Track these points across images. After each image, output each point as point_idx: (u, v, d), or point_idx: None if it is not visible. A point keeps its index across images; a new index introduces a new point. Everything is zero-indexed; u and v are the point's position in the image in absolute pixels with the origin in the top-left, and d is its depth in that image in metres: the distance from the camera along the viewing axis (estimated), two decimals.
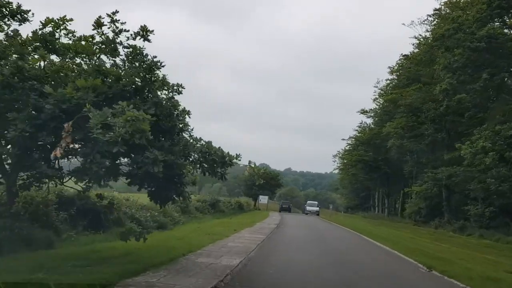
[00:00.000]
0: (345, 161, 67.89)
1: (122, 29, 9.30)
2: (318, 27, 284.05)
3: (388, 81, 55.03)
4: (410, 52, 47.08)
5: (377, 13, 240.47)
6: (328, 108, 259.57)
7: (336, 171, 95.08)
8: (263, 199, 58.33)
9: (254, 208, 57.39)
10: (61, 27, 9.34)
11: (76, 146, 8.39)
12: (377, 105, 58.15)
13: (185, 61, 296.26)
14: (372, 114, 59.24)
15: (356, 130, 59.88)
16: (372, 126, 59.40)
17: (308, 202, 63.69)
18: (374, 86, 57.73)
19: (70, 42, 9.50)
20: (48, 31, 9.24)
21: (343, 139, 67.03)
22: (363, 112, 58.79)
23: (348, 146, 70.68)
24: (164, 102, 9.34)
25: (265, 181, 59.88)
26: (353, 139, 62.48)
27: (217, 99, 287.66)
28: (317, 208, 56.78)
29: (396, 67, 51.14)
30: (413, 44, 47.52)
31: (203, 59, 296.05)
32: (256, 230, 24.16)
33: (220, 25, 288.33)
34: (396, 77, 52.60)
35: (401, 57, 49.10)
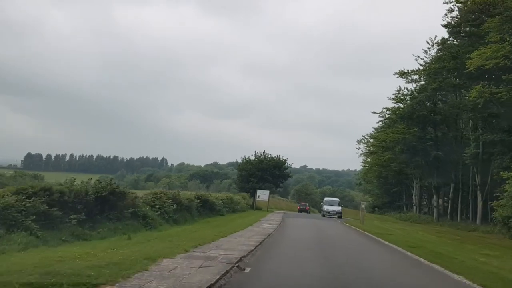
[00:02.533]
0: (375, 144, 49.61)
1: None
2: (333, 20, 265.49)
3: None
4: None
5: (392, 3, 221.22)
6: (346, 105, 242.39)
7: (360, 162, 77.10)
8: (263, 195, 40.88)
9: (250, 207, 40.25)
10: None
11: None
12: (425, 60, 39.85)
13: (196, 56, 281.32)
14: (416, 77, 40.86)
15: (393, 99, 41.76)
16: (417, 93, 41.03)
17: (326, 199, 44.10)
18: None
19: None
20: None
21: (374, 112, 48.55)
22: (402, 74, 40.56)
23: (380, 123, 52.65)
24: None
25: (267, 168, 42.47)
26: (389, 112, 44.14)
27: (230, 96, 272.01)
28: (339, 208, 38.97)
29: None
30: None
31: (215, 55, 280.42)
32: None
33: (230, 19, 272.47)
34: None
35: None
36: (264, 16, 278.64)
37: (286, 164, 44.88)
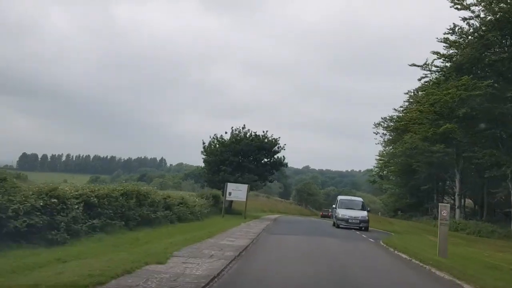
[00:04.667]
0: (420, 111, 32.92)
1: None
2: (337, 17, 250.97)
3: None
4: None
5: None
6: (349, 104, 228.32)
7: (375, 156, 60.59)
8: (237, 192, 24.20)
9: (226, 211, 24.18)
10: None
11: None
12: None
13: (198, 55, 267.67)
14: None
15: (446, 42, 25.40)
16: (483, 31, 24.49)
17: (342, 199, 25.64)
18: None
19: None
20: None
21: (414, 65, 32.01)
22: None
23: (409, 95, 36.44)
24: None
25: (247, 151, 26.39)
26: (441, 60, 27.51)
27: (231, 95, 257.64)
28: (364, 214, 22.67)
29: None
30: None
31: (216, 53, 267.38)
32: None
33: (233, 17, 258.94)
34: None
35: None
36: (266, 14, 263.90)
37: (278, 146, 28.68)
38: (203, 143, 27.70)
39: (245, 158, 27.45)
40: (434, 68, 29.74)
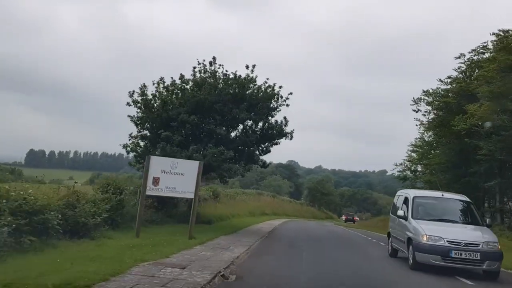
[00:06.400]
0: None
1: None
2: (349, 15, 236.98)
3: None
4: None
5: None
6: (361, 104, 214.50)
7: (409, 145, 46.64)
8: (174, 178, 10.12)
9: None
10: None
11: None
12: None
13: (206, 54, 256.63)
14: None
15: None
16: None
17: (419, 196, 10.14)
18: None
19: None
20: None
21: None
22: None
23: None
24: None
25: (220, 101, 12.72)
26: None
27: None
28: (490, 236, 8.59)
29: None
30: None
31: (226, 53, 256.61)
32: None
33: (241, 15, 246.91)
34: None
35: None
36: (275, 11, 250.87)
37: (278, 99, 15.04)
38: (131, 92, 14.14)
39: (210, 117, 13.88)
40: None
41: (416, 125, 38.57)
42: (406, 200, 10.17)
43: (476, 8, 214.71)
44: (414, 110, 36.55)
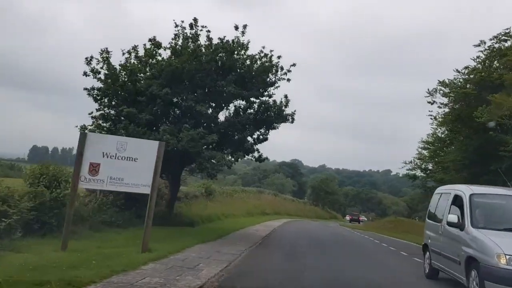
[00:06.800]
0: None
1: None
2: (356, 15, 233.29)
3: None
4: None
5: None
6: (366, 104, 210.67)
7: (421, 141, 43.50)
8: (121, 165, 6.90)
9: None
10: None
11: None
12: None
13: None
14: None
15: None
16: None
17: (479, 195, 6.89)
18: None
19: None
20: None
21: None
22: None
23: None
24: None
25: (203, 70, 9.59)
26: None
27: None
28: None
29: None
30: None
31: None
32: None
33: (241, 14, 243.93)
34: None
35: None
36: (275, 11, 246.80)
37: (277, 71, 12.00)
38: (89, 58, 11.13)
39: (189, 92, 10.81)
40: None
41: (430, 118, 35.34)
42: (457, 200, 7.03)
43: (476, 8, 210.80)
44: (429, 102, 33.26)
